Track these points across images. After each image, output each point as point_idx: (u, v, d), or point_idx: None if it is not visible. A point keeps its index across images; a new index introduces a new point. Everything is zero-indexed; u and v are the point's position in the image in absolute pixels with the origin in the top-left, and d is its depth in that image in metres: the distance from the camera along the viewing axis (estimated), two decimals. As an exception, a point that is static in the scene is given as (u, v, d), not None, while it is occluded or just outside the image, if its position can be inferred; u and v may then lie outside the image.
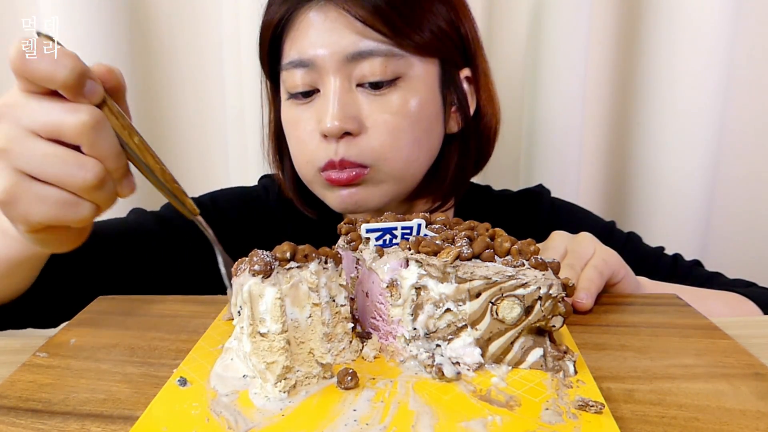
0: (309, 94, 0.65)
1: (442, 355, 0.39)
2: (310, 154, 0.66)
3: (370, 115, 0.64)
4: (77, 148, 0.39)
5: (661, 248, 0.79)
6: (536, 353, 0.38)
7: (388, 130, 0.64)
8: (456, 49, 0.68)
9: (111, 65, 0.42)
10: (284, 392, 0.35)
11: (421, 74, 0.65)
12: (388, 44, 0.62)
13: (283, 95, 0.68)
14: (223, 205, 0.79)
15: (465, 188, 0.75)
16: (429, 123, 0.67)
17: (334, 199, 0.68)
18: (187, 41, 1.00)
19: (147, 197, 0.68)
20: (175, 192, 0.44)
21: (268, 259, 0.35)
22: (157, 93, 1.01)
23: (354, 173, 0.64)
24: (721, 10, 0.93)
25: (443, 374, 0.37)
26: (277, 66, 0.69)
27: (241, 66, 0.95)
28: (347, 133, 0.63)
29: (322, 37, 0.62)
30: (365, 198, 0.66)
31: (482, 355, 0.38)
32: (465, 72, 0.70)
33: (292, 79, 0.65)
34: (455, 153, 0.72)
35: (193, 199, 0.69)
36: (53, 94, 0.38)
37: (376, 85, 0.63)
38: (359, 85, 0.64)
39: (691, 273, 0.75)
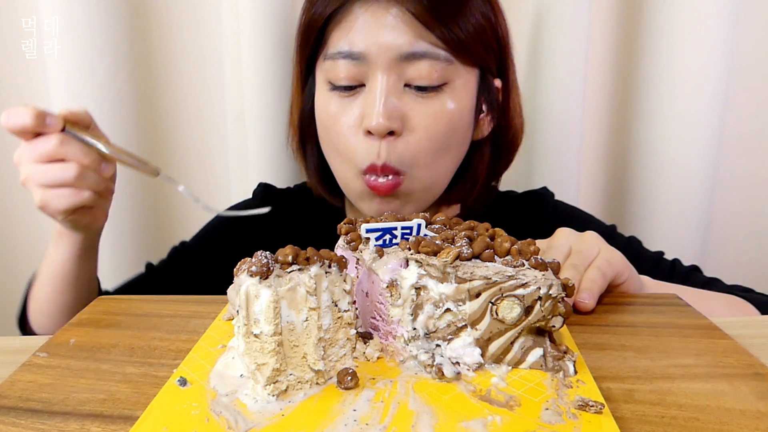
0: (352, 87, 0.66)
1: (442, 355, 0.39)
2: (352, 152, 0.67)
3: (414, 117, 0.65)
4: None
5: (661, 253, 0.79)
6: (536, 353, 0.38)
7: (428, 135, 0.65)
8: (494, 56, 0.69)
9: (74, 108, 0.57)
10: (273, 395, 0.35)
11: (465, 83, 0.66)
12: (439, 47, 0.63)
13: (324, 85, 0.68)
14: (219, 237, 0.81)
15: (492, 196, 0.77)
16: (463, 132, 0.69)
17: (370, 208, 0.70)
18: (187, 41, 1.00)
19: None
20: (139, 160, 0.58)
21: (266, 260, 0.35)
22: (157, 93, 1.01)
23: (392, 181, 0.66)
24: (722, 10, 0.93)
25: (443, 374, 0.37)
26: (316, 54, 0.69)
27: (241, 66, 0.95)
28: (391, 133, 0.64)
29: (377, 32, 0.63)
30: (398, 209, 0.68)
31: (482, 355, 0.38)
32: (496, 82, 0.72)
33: (337, 71, 0.65)
34: (485, 159, 0.74)
35: (184, 242, 0.73)
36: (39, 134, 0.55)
37: (422, 88, 0.64)
38: (406, 85, 0.64)
39: (690, 278, 0.75)
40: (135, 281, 0.78)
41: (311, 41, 0.69)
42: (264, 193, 0.85)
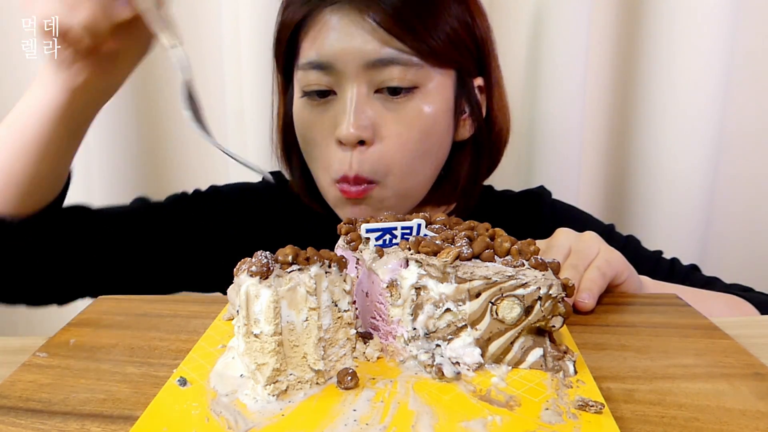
0: (325, 94, 0.66)
1: (442, 355, 0.39)
2: (326, 160, 0.67)
3: (385, 125, 0.64)
4: None
5: (660, 252, 0.79)
6: (536, 353, 0.38)
7: (400, 143, 0.64)
8: (471, 57, 0.68)
9: None
10: (273, 395, 0.35)
11: (438, 86, 0.65)
12: (408, 53, 0.62)
13: (297, 92, 0.68)
14: (226, 197, 0.80)
15: (477, 194, 0.76)
16: (440, 135, 0.68)
17: (344, 213, 0.70)
18: (188, 41, 1.00)
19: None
20: (166, 19, 0.55)
21: (266, 260, 0.35)
22: (157, 93, 1.01)
23: (363, 188, 0.65)
24: (721, 10, 0.93)
25: (443, 374, 0.37)
26: (292, 63, 0.69)
27: (241, 66, 0.95)
28: (362, 142, 0.64)
29: (343, 41, 0.62)
30: (374, 214, 0.68)
31: (482, 355, 0.38)
32: (478, 81, 0.71)
33: (309, 80, 0.65)
34: (466, 160, 0.73)
35: (196, 191, 0.71)
36: None
37: (394, 91, 0.63)
38: (377, 91, 0.64)
39: (689, 277, 0.75)
40: (125, 212, 0.74)
41: (284, 50, 0.69)
42: (280, 178, 0.81)
